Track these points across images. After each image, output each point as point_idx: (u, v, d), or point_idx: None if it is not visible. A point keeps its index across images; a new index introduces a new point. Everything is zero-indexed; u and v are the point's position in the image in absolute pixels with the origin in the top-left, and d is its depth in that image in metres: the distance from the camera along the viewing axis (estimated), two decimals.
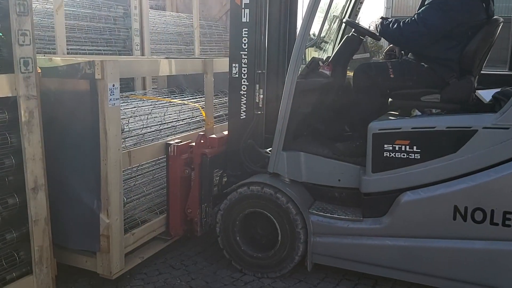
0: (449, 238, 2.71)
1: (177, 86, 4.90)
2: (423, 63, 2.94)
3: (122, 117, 3.20)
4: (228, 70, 4.22)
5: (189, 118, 3.85)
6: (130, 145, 3.20)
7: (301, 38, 2.96)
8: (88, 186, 2.84)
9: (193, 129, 3.94)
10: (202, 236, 3.52)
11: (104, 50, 4.58)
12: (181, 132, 3.76)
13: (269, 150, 3.41)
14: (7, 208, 2.50)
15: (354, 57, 3.55)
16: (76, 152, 2.84)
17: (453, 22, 2.80)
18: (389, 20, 2.99)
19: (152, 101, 3.81)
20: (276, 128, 3.12)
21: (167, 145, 3.34)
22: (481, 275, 2.65)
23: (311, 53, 3.67)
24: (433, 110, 2.91)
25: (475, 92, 3.03)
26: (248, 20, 3.25)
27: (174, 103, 3.91)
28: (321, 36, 3.67)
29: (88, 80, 2.71)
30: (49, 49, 4.05)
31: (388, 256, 2.85)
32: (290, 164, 3.13)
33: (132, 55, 4.77)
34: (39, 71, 2.59)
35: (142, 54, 4.92)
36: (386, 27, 2.95)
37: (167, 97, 4.18)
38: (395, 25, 2.89)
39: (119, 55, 4.68)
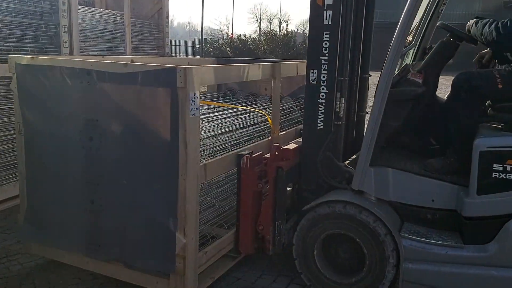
0: None
1: (228, 89, 4.66)
2: None
3: None
4: (292, 75, 4.04)
5: (257, 126, 3.60)
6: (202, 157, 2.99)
7: (397, 43, 2.68)
8: (164, 203, 2.61)
9: (257, 137, 3.70)
10: None
11: (30, 47, 4.36)
12: (246, 142, 3.52)
13: (348, 163, 3.16)
14: None
15: None
16: (151, 166, 2.62)
17: None
18: (486, 20, 2.71)
19: (213, 107, 3.57)
20: (363, 141, 2.85)
21: (239, 156, 3.09)
22: None
23: None
24: None
25: None
26: (330, 23, 2.99)
27: (239, 109, 3.67)
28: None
29: (168, 88, 2.48)
30: None
31: None
32: (378, 181, 2.86)
33: (60, 53, 4.54)
34: None
35: (71, 52, 4.67)
36: (481, 26, 2.67)
37: (226, 102, 3.94)
38: (493, 24, 2.61)
39: (46, 52, 4.46)
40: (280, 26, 53.19)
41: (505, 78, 2.66)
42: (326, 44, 3.02)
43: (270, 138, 3.64)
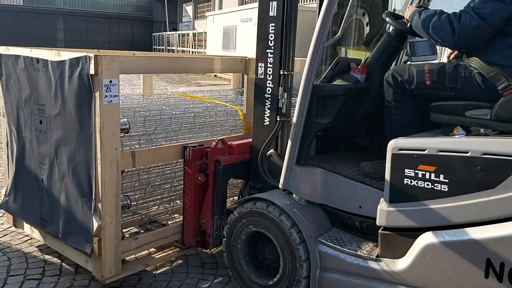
0: None
1: None
2: (473, 68, 2.27)
3: (144, 116, 3.10)
4: None
5: (223, 121, 3.59)
6: (149, 145, 3.08)
7: (319, 33, 2.49)
8: (83, 185, 2.75)
9: (236, 132, 3.68)
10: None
11: None
12: (216, 136, 3.52)
13: None
14: None
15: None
16: (77, 150, 2.77)
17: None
18: (429, 9, 2.37)
19: (188, 100, 3.62)
20: (289, 138, 2.70)
21: (184, 148, 3.12)
22: None
23: (357, 54, 3.13)
24: (481, 130, 2.23)
25: None
26: (275, 14, 2.88)
27: (212, 103, 3.68)
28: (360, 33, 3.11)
29: (84, 75, 2.61)
30: None
31: None
32: (304, 182, 2.68)
33: None
34: None
35: None
36: (427, 20, 2.33)
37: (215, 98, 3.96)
38: (443, 18, 2.25)
39: None
40: None
41: (434, 74, 2.32)
42: (271, 36, 2.93)
43: (241, 134, 3.60)
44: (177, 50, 27.32)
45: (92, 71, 2.56)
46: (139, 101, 3.35)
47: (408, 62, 2.66)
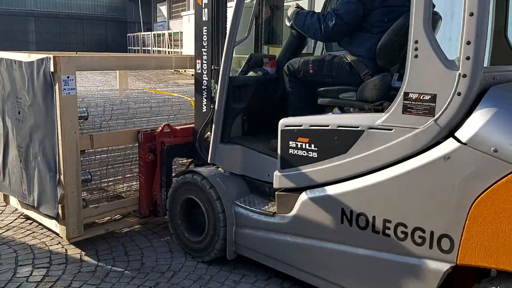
0: (339, 243, 2.61)
1: None
2: (345, 59, 2.84)
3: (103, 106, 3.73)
4: None
5: (177, 110, 4.20)
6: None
7: (229, 34, 3.08)
8: (50, 163, 3.39)
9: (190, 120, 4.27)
10: None
11: None
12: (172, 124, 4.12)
13: None
14: None
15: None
16: (46, 133, 3.41)
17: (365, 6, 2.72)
18: (305, 10, 2.94)
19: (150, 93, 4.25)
20: (214, 121, 3.29)
21: (139, 132, 3.74)
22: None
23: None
24: (351, 109, 2.79)
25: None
26: (207, 19, 3.47)
27: (170, 96, 4.30)
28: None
29: (47, 73, 3.25)
30: None
31: (288, 254, 2.83)
32: (227, 157, 3.27)
33: None
34: None
35: None
36: (302, 19, 2.91)
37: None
38: (314, 18, 2.84)
39: None
40: None
41: (316, 64, 2.89)
42: (205, 38, 3.52)
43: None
44: (153, 50, 26.97)
45: (52, 69, 3.20)
46: (108, 95, 3.99)
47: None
